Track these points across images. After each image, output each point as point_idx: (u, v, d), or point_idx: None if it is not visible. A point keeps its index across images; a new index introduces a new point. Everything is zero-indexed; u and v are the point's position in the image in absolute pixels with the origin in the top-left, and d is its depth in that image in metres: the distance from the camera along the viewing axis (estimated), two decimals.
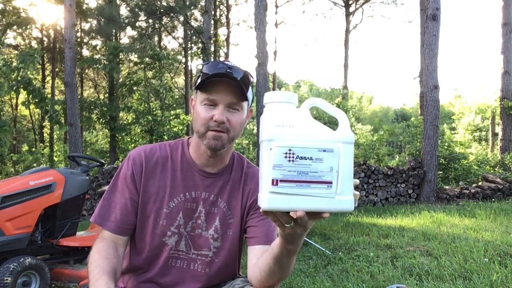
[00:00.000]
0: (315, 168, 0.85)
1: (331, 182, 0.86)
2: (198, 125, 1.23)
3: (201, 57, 13.14)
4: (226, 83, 1.19)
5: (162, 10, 15.15)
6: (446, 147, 10.49)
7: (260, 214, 1.27)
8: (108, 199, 1.29)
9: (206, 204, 1.29)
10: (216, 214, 1.30)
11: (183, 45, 18.73)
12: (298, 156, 0.84)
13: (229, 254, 1.31)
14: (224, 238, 1.30)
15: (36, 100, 8.22)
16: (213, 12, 16.94)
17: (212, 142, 1.21)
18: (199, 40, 14.08)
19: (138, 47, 14.27)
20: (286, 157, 0.84)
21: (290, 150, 0.84)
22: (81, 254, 3.74)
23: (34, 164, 13.64)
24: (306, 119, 0.89)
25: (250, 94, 1.26)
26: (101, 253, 1.18)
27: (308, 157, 0.85)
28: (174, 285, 1.28)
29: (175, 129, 13.10)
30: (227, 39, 20.38)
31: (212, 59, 14.60)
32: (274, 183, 0.83)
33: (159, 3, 15.26)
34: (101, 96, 18.19)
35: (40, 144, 17.64)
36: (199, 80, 1.22)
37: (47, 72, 19.83)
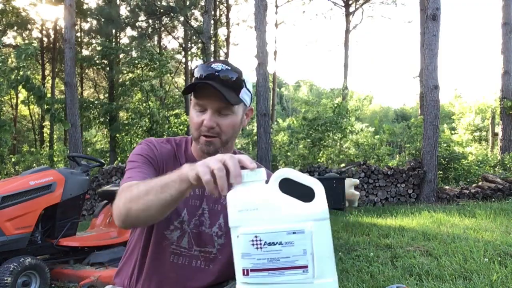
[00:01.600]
0: (287, 253, 0.77)
1: (306, 266, 0.78)
2: (192, 129, 1.26)
3: (201, 57, 13.15)
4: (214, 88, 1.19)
5: (162, 10, 15.15)
6: (445, 147, 10.50)
7: None
8: (131, 168, 1.25)
9: (210, 201, 1.30)
10: (219, 211, 1.30)
11: (183, 45, 18.73)
12: (266, 242, 0.78)
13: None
14: (228, 235, 1.29)
15: (36, 97, 8.22)
16: (213, 12, 16.94)
17: (204, 147, 1.23)
18: (199, 40, 14.09)
19: (132, 48, 14.27)
20: (253, 244, 0.78)
21: (256, 237, 0.78)
22: (81, 254, 3.74)
23: (34, 164, 13.64)
24: (273, 198, 0.81)
25: (245, 95, 1.25)
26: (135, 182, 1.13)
27: (277, 242, 0.78)
28: (176, 282, 1.28)
29: (175, 129, 13.10)
30: (227, 39, 20.37)
31: (212, 59, 14.58)
32: (245, 273, 0.78)
33: (159, 3, 15.26)
34: (101, 96, 18.20)
35: (43, 146, 17.62)
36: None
37: (47, 72, 19.82)
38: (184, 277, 1.28)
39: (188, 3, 15.16)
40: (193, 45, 17.98)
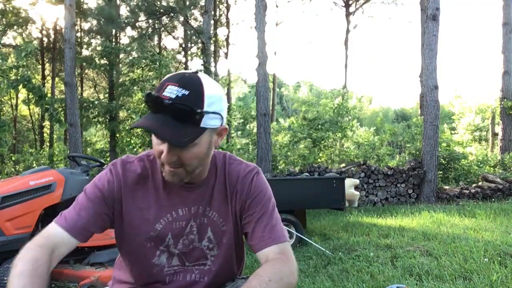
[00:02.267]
0: None
1: None
2: (155, 155, 1.13)
3: (201, 57, 13.15)
4: None
5: (162, 10, 15.15)
6: (445, 147, 10.50)
7: (253, 217, 1.20)
8: (76, 204, 1.20)
9: (197, 217, 1.22)
10: (207, 224, 1.23)
11: (183, 45, 18.74)
12: None
13: (227, 261, 1.28)
14: (219, 246, 1.26)
15: (36, 97, 8.24)
16: (213, 12, 16.94)
17: (169, 177, 1.12)
18: (199, 40, 14.08)
19: (132, 48, 14.28)
20: None
21: None
22: (81, 254, 3.74)
23: (34, 164, 13.64)
24: None
25: (210, 120, 1.06)
26: (33, 264, 1.02)
27: None
28: None
29: None
30: (227, 39, 20.38)
31: (212, 59, 14.60)
32: None
33: (159, 3, 15.25)
34: (101, 96, 18.20)
35: (43, 146, 17.63)
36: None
37: (47, 72, 19.82)
38: None
39: (188, 3, 15.16)
40: (193, 45, 17.97)
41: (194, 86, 1.04)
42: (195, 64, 17.77)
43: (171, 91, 1.02)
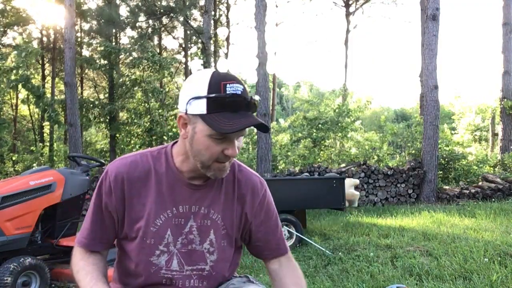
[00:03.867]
0: None
1: None
2: (202, 158, 1.15)
3: (201, 57, 13.14)
4: None
5: (162, 11, 15.15)
6: (444, 147, 10.50)
7: (267, 233, 1.31)
8: (87, 218, 1.28)
9: (198, 218, 1.21)
10: (209, 227, 1.22)
11: (183, 45, 18.73)
12: None
13: (226, 265, 1.27)
14: (219, 250, 1.25)
15: (35, 97, 8.27)
16: (213, 12, 16.94)
17: (222, 173, 1.18)
18: (199, 40, 14.08)
19: (134, 48, 14.27)
20: None
21: None
22: None
23: (34, 164, 13.63)
24: None
25: None
26: (86, 259, 1.25)
27: None
28: None
29: (174, 130, 13.09)
30: (227, 39, 20.37)
31: (212, 59, 14.60)
32: None
33: (159, 3, 15.25)
34: (101, 96, 18.19)
35: (40, 144, 17.62)
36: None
37: (47, 72, 19.81)
38: None
39: (188, 3, 15.15)
40: (193, 45, 17.96)
41: (239, 80, 1.12)
42: (195, 64, 17.77)
43: (236, 89, 1.08)
